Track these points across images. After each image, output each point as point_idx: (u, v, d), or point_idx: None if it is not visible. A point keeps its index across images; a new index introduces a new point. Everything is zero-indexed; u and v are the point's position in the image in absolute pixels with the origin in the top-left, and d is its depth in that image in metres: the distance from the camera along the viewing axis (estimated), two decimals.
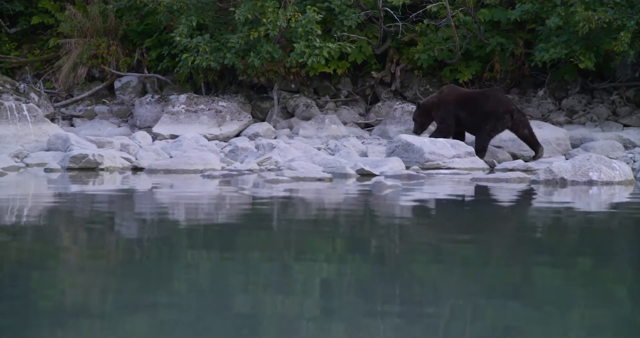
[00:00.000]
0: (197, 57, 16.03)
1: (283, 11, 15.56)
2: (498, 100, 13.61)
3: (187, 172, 11.79)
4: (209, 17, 16.49)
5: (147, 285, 4.17)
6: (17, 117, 14.87)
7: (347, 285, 4.23)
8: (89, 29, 18.18)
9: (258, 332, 3.34)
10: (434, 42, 16.39)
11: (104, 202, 8.15)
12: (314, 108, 16.76)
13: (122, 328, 3.37)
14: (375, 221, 6.85)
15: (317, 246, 5.52)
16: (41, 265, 4.71)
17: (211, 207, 7.80)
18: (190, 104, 16.28)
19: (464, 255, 5.16)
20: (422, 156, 12.94)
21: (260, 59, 15.82)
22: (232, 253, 5.22)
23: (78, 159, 12.19)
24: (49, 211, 7.31)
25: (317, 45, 15.57)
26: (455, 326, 3.42)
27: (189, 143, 14.21)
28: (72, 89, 18.42)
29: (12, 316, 3.53)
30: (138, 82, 18.15)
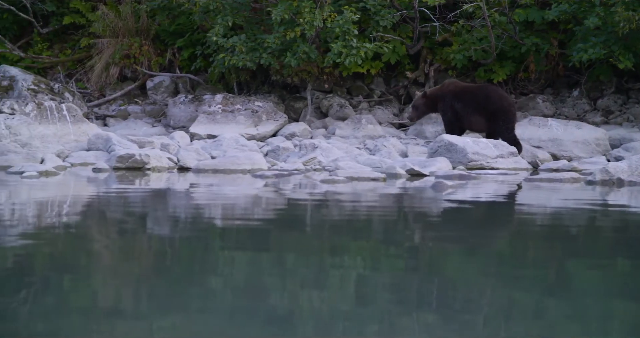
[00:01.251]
0: (233, 57, 16.06)
1: (319, 11, 15.58)
2: (500, 96, 13.69)
3: (234, 172, 11.81)
4: (242, 17, 16.51)
5: (234, 283, 4.20)
6: (56, 117, 14.91)
7: (462, 287, 4.25)
8: (121, 29, 18.23)
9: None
10: (468, 42, 16.40)
11: (178, 202, 8.17)
12: (348, 108, 16.79)
13: (159, 327, 3.39)
14: (467, 223, 6.87)
15: (435, 246, 5.54)
16: (110, 260, 4.75)
17: (292, 207, 7.81)
18: (227, 104, 16.31)
19: (579, 263, 5.18)
20: (465, 156, 12.94)
21: (297, 59, 15.85)
22: (340, 252, 5.24)
23: (125, 159, 12.22)
24: (122, 210, 7.34)
25: (354, 45, 15.59)
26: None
27: (228, 142, 14.23)
28: (104, 89, 18.47)
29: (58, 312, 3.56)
30: (170, 82, 18.20)
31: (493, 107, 13.53)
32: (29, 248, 5.20)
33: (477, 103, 13.62)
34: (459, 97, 13.77)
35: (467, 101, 13.67)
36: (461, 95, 13.77)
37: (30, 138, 14.06)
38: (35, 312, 3.62)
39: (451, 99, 13.78)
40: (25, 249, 5.17)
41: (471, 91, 13.85)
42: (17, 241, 5.42)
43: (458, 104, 13.75)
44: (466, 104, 13.69)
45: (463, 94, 13.77)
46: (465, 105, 13.70)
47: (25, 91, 16.38)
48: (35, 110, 14.92)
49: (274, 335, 3.31)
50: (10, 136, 14.01)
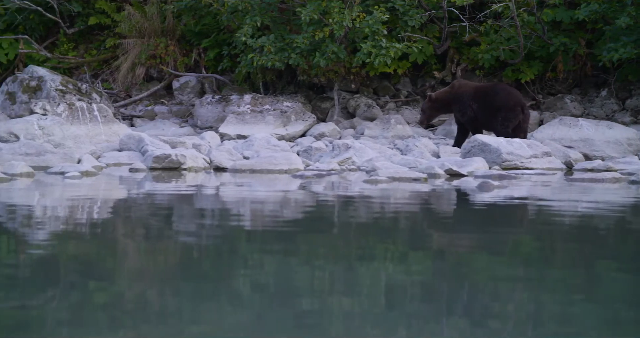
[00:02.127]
0: (261, 58, 16.07)
1: (349, 11, 15.59)
2: (508, 93, 13.84)
3: (272, 172, 11.82)
4: (270, 18, 16.52)
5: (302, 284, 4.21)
6: (87, 118, 14.95)
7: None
8: (147, 30, 18.26)
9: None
10: (496, 42, 16.40)
11: (233, 202, 8.19)
12: (375, 108, 16.80)
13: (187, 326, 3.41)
14: (537, 224, 6.88)
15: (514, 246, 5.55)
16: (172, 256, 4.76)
17: (352, 207, 7.83)
18: (255, 104, 16.34)
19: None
20: (499, 156, 12.93)
21: (326, 60, 15.86)
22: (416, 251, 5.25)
23: (161, 159, 12.24)
24: (182, 211, 7.37)
25: (384, 45, 15.59)
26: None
27: (260, 143, 14.25)
28: (130, 89, 18.51)
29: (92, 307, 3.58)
30: (196, 82, 18.22)
31: (498, 103, 13.74)
32: (101, 245, 5.23)
33: (491, 102, 13.80)
34: (475, 97, 13.93)
35: (482, 101, 13.85)
36: (478, 95, 13.94)
37: (63, 138, 14.10)
38: (81, 307, 3.64)
39: (469, 99, 13.94)
40: (98, 246, 5.19)
41: (485, 91, 14.02)
42: (84, 240, 5.44)
43: (475, 104, 13.92)
44: (482, 104, 13.85)
45: (478, 94, 13.94)
46: (481, 105, 13.87)
47: (54, 91, 16.42)
48: (66, 110, 14.96)
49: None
50: (44, 136, 14.04)
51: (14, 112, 16.59)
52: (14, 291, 3.99)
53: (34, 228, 6.12)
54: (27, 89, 16.68)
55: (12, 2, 18.12)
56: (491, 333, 3.38)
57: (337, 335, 3.37)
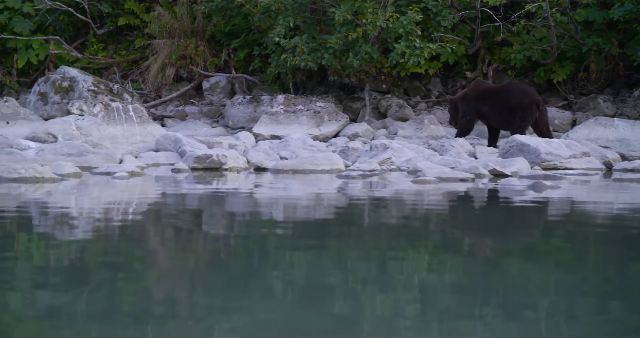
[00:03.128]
0: (294, 58, 16.09)
1: (382, 12, 15.60)
2: (523, 91, 13.95)
3: (314, 172, 11.83)
4: (302, 18, 16.54)
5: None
6: (123, 118, 14.99)
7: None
8: (177, 30, 18.29)
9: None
10: (528, 42, 16.39)
11: (301, 203, 8.20)
12: (407, 109, 16.81)
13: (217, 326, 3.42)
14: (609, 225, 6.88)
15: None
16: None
17: (422, 207, 7.84)
18: (288, 104, 16.35)
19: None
20: (538, 157, 12.92)
21: (359, 60, 15.87)
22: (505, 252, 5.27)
23: (202, 159, 12.26)
24: (243, 210, 7.38)
25: (417, 45, 15.60)
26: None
27: (296, 143, 14.27)
28: (160, 89, 18.55)
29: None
30: (227, 82, 18.25)
31: (513, 102, 13.86)
32: (177, 242, 5.25)
33: (502, 102, 13.94)
34: (484, 98, 14.07)
35: (493, 102, 14.00)
36: (486, 96, 14.07)
37: (100, 139, 14.14)
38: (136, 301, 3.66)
39: (475, 101, 14.11)
40: (174, 243, 5.21)
41: (495, 91, 14.15)
42: (166, 239, 5.46)
43: (484, 106, 14.07)
44: (492, 105, 14.01)
45: (488, 95, 14.07)
46: (491, 106, 14.03)
47: (86, 91, 16.47)
48: (102, 111, 15.01)
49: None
50: (81, 136, 14.09)
51: (46, 113, 16.65)
52: (97, 285, 4.02)
53: (118, 227, 6.15)
54: (60, 89, 16.74)
55: (44, 3, 18.17)
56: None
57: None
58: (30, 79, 18.89)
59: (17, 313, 3.59)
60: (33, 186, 9.18)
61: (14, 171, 9.60)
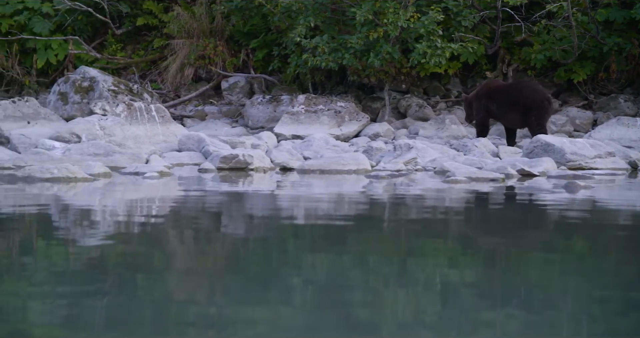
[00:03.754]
0: (315, 58, 16.10)
1: (404, 12, 15.60)
2: (533, 90, 14.03)
3: (340, 172, 11.84)
4: (323, 18, 16.54)
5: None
6: (145, 118, 15.01)
7: None
8: (196, 30, 18.31)
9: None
10: (549, 42, 16.39)
11: (346, 203, 8.21)
12: (427, 109, 16.81)
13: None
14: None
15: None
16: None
17: (470, 206, 7.85)
18: (309, 104, 16.36)
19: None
20: (563, 157, 12.91)
21: (380, 60, 15.87)
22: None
23: (229, 159, 12.27)
24: (291, 209, 7.40)
25: (439, 45, 15.60)
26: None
27: (318, 143, 14.28)
28: (179, 89, 18.57)
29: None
30: (246, 82, 18.26)
31: (525, 101, 13.90)
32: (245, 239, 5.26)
33: (511, 100, 13.99)
34: (492, 97, 14.16)
35: (502, 100, 14.06)
36: (495, 95, 14.16)
37: (124, 139, 14.16)
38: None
39: (486, 100, 14.19)
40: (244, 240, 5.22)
41: (505, 90, 14.20)
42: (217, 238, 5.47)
43: (493, 104, 14.14)
44: (501, 103, 14.07)
45: (497, 94, 14.15)
46: (500, 104, 14.09)
47: (106, 91, 16.50)
48: (125, 111, 15.02)
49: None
50: (105, 136, 14.11)
51: (66, 113, 16.67)
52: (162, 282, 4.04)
53: (168, 226, 6.17)
54: (80, 89, 16.77)
55: (63, 3, 18.20)
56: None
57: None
58: (49, 79, 18.93)
59: (65, 306, 3.60)
60: (66, 186, 9.20)
61: (47, 171, 9.62)
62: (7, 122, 15.76)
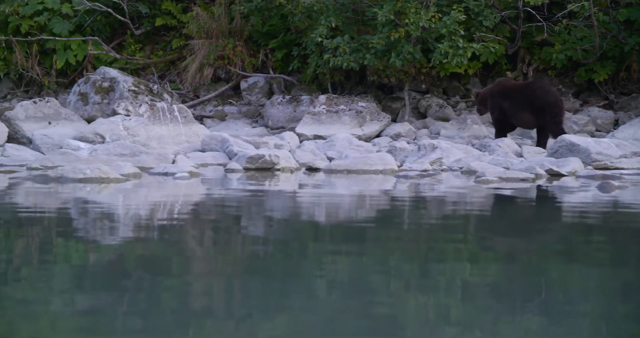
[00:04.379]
0: (336, 58, 16.10)
1: (425, 12, 15.59)
2: (546, 91, 14.10)
3: (367, 172, 11.84)
4: (343, 18, 16.54)
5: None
6: (168, 119, 15.02)
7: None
8: (215, 30, 18.32)
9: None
10: (569, 42, 16.36)
11: (398, 204, 8.21)
12: (447, 109, 16.80)
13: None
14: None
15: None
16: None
17: (519, 206, 7.86)
18: (331, 104, 16.36)
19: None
20: (588, 156, 12.89)
21: (402, 60, 15.86)
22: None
23: (255, 159, 12.27)
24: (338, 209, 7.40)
25: (461, 45, 15.59)
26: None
27: (341, 143, 14.28)
28: (198, 89, 18.58)
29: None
30: (265, 82, 18.26)
31: (539, 103, 13.94)
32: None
33: (525, 100, 14.03)
34: (506, 95, 14.22)
35: (515, 99, 14.11)
36: (508, 93, 14.21)
37: (147, 139, 14.18)
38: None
39: (499, 98, 14.25)
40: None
41: (518, 89, 14.24)
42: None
43: (506, 103, 14.22)
44: (514, 102, 14.13)
45: (510, 93, 14.20)
46: (512, 103, 14.15)
47: (127, 92, 16.51)
48: (148, 111, 15.04)
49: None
50: (129, 137, 14.13)
51: (86, 113, 16.69)
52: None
53: (221, 227, 6.18)
54: (100, 90, 16.79)
55: (83, 4, 18.23)
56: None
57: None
58: (68, 80, 18.96)
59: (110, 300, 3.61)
60: (99, 187, 9.21)
61: (80, 171, 9.63)
62: (29, 123, 15.80)
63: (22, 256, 4.93)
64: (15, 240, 5.54)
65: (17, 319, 3.44)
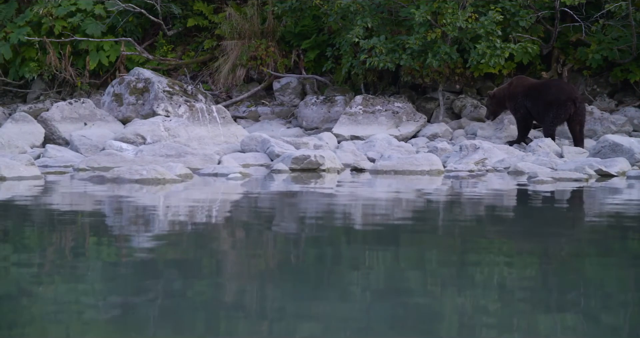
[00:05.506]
0: (373, 58, 16.09)
1: (462, 12, 15.57)
2: (561, 88, 14.33)
3: (414, 173, 11.84)
4: (379, 19, 16.52)
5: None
6: (207, 119, 15.04)
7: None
8: (247, 31, 18.33)
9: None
10: (605, 41, 16.32)
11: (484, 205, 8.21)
12: (482, 109, 16.77)
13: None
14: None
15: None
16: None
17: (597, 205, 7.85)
18: (367, 105, 16.35)
19: None
20: (632, 156, 12.86)
21: (439, 60, 15.85)
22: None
23: (300, 160, 12.27)
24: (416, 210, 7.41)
25: (498, 46, 15.57)
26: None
27: (381, 143, 14.29)
28: (230, 90, 18.59)
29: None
30: (297, 83, 18.26)
31: (550, 98, 14.28)
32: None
33: (541, 98, 14.34)
34: (528, 94, 14.46)
35: (536, 97, 14.38)
36: (530, 92, 14.46)
37: (188, 140, 14.19)
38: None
39: (522, 97, 14.50)
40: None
41: (538, 87, 14.49)
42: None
43: (528, 102, 14.47)
44: (535, 101, 14.39)
45: (531, 91, 14.45)
46: (534, 102, 14.40)
47: (161, 93, 16.54)
48: (187, 112, 15.06)
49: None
50: (169, 137, 14.14)
51: (121, 114, 16.73)
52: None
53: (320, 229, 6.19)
54: (135, 91, 16.82)
55: (117, 5, 18.26)
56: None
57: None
58: (100, 81, 18.98)
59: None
60: (155, 188, 9.22)
61: (136, 172, 9.65)
62: (65, 124, 15.85)
63: (133, 258, 4.94)
64: (121, 244, 5.55)
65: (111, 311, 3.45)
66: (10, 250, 5.13)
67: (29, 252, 5.08)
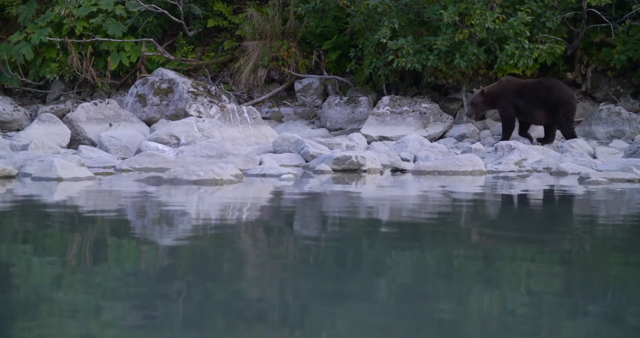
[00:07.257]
0: (400, 59, 16.10)
1: (491, 13, 15.61)
2: (561, 88, 14.63)
3: (457, 173, 11.84)
4: (406, 19, 16.53)
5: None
6: (238, 120, 15.01)
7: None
8: (268, 32, 18.30)
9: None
10: (629, 42, 16.40)
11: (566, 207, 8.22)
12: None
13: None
14: None
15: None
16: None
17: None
18: (394, 105, 16.36)
19: None
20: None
21: (466, 61, 15.88)
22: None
23: (341, 161, 12.25)
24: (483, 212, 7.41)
25: (527, 46, 15.61)
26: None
27: (413, 144, 14.30)
28: (251, 91, 18.56)
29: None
30: (319, 84, 18.25)
31: (554, 100, 14.46)
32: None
33: (539, 98, 14.51)
34: (520, 93, 14.63)
35: (530, 97, 14.55)
36: (523, 91, 14.63)
37: (222, 140, 14.15)
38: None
39: (513, 96, 14.65)
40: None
41: (532, 87, 14.66)
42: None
43: (520, 101, 14.62)
44: (528, 100, 14.57)
45: (525, 91, 14.62)
46: (527, 101, 14.58)
47: (186, 93, 16.48)
48: (219, 113, 15.02)
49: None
50: (203, 138, 14.10)
51: (145, 115, 16.67)
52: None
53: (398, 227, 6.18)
54: (159, 91, 16.76)
55: (140, 6, 18.18)
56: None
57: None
58: (120, 81, 18.91)
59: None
60: (213, 188, 9.19)
61: (193, 173, 9.61)
62: (90, 125, 15.78)
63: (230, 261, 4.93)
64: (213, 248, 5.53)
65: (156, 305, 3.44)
66: (129, 253, 5.11)
67: (146, 254, 5.07)
